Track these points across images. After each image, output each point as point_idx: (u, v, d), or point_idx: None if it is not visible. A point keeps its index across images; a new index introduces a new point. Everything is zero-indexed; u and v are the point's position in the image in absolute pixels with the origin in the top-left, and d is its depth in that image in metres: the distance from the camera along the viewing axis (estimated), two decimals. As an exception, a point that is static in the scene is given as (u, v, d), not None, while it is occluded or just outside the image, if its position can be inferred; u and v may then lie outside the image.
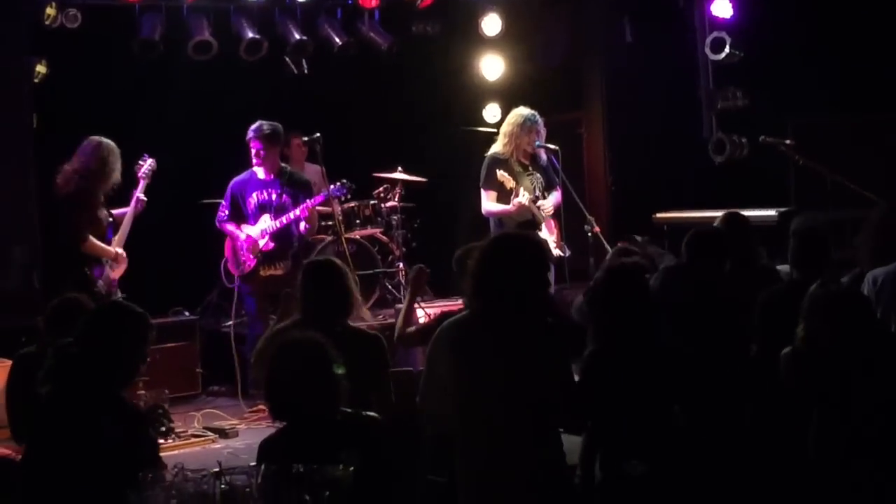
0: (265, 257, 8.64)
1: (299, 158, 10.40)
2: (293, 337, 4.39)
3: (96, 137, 7.83)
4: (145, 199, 8.16)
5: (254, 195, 8.65)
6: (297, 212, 8.56)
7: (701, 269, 5.99)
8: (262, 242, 8.60)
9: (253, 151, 8.59)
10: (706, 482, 4.81)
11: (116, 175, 7.83)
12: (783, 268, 6.35)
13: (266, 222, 8.60)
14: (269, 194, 8.66)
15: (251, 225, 8.64)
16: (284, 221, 8.56)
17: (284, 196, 8.63)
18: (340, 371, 4.16)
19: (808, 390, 4.61)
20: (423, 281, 6.15)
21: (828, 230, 6.33)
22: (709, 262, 6.02)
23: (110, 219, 7.98)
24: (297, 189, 8.70)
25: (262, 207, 8.65)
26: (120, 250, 7.96)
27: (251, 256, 8.62)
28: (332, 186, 8.92)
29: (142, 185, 8.17)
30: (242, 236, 8.63)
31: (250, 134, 8.56)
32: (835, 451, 4.48)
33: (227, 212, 8.69)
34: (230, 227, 8.67)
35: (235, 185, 8.70)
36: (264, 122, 8.62)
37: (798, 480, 4.77)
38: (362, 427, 4.23)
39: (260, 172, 8.65)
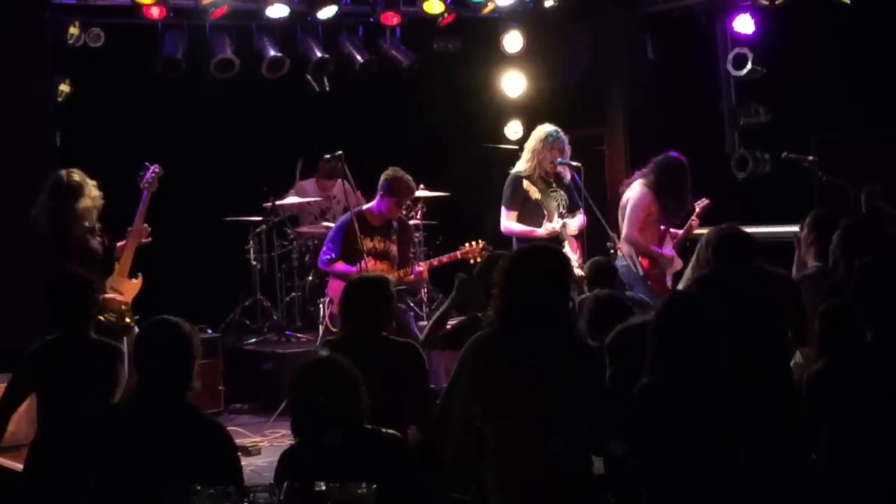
0: None
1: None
2: (316, 357, 4.46)
3: (57, 173, 7.38)
4: (147, 228, 7.58)
5: None
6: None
7: (728, 273, 5.72)
8: None
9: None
10: None
11: (85, 200, 7.27)
12: None
13: None
14: None
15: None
16: None
17: None
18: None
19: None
20: (466, 292, 6.12)
21: None
22: (736, 264, 5.77)
23: (105, 244, 7.42)
24: None
25: None
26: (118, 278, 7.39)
27: None
28: None
29: (144, 198, 7.59)
30: None
31: None
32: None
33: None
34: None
35: None
36: None
37: None
38: (383, 444, 4.23)
39: None
